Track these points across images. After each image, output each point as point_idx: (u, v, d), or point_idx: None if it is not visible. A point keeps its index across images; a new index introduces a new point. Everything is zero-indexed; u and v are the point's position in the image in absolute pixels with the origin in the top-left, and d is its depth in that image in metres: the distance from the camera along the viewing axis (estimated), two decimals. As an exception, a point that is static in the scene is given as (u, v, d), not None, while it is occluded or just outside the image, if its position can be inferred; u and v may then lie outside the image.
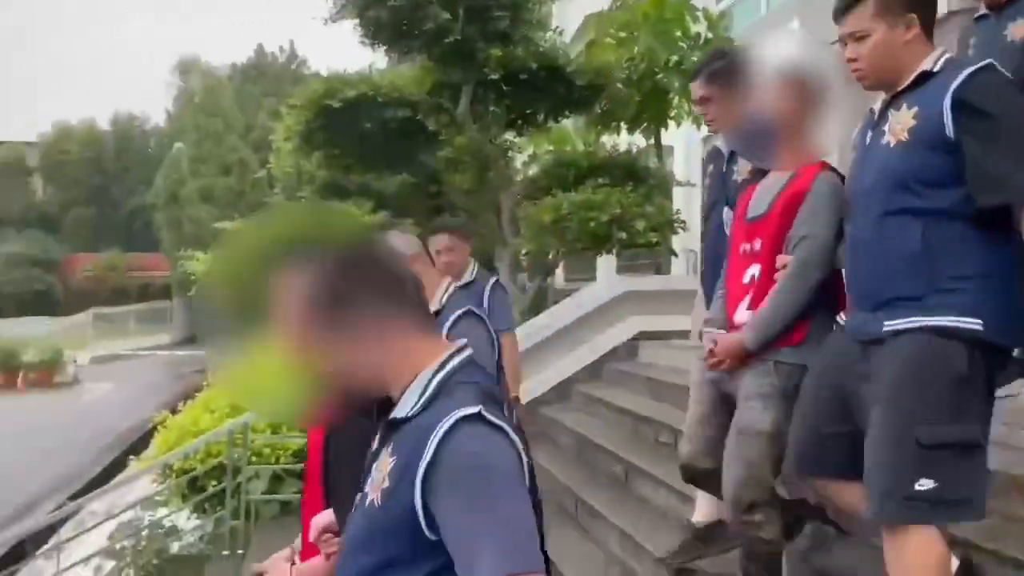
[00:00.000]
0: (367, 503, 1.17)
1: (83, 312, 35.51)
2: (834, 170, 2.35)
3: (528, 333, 6.52)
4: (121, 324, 35.00)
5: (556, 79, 9.05)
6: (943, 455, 1.80)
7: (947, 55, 2.00)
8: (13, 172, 46.16)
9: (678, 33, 9.00)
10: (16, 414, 15.97)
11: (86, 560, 5.51)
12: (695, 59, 8.10)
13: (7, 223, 44.97)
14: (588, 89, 9.12)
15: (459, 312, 2.58)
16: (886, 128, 1.98)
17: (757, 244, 2.38)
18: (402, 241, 2.48)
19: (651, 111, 9.35)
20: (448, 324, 2.52)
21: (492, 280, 4.05)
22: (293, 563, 1.79)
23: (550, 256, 9.14)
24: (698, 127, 8.60)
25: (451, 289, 2.71)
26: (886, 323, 1.92)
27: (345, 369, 1.17)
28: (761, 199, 2.41)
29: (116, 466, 13.30)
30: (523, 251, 9.32)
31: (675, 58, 8.78)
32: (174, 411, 7.71)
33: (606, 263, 11.37)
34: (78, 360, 26.10)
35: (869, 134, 2.05)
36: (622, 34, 9.39)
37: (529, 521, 1.09)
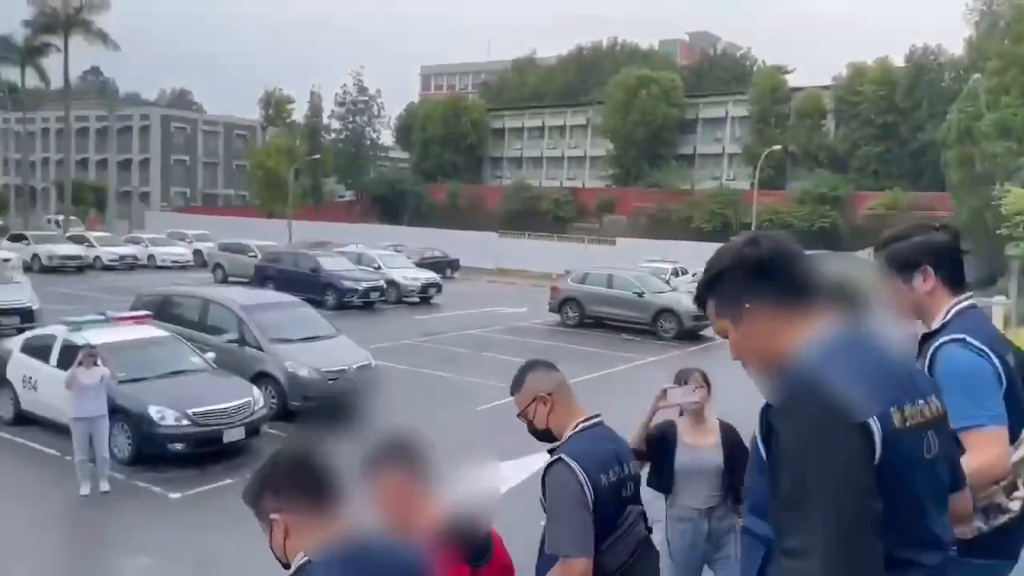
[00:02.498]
0: None
1: (864, 250, 36.96)
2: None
3: None
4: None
5: None
6: None
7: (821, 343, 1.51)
8: (810, 114, 50.22)
9: None
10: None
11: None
12: None
13: (802, 163, 49.44)
14: None
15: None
16: None
17: None
18: (536, 380, 2.67)
19: None
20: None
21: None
22: None
23: None
24: None
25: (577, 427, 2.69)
26: None
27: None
28: None
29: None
30: None
31: None
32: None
33: None
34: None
35: None
36: None
37: None
